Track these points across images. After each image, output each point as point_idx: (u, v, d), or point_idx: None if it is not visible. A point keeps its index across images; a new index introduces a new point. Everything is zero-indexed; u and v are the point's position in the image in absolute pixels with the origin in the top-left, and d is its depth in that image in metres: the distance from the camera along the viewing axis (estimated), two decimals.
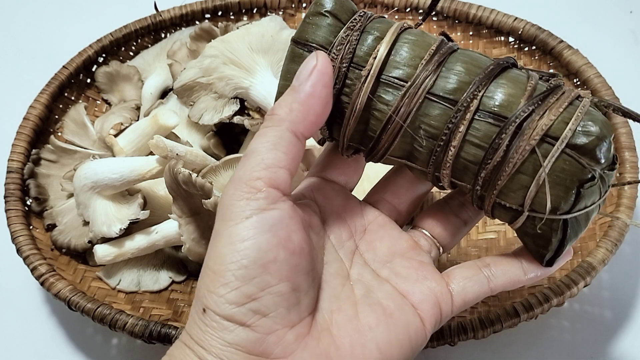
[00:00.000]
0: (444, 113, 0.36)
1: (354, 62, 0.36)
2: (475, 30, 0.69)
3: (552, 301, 0.49)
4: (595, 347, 0.58)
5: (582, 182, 0.35)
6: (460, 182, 0.38)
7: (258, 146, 0.34)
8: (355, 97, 0.36)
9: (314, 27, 0.37)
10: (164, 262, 0.61)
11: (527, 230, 0.37)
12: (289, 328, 0.33)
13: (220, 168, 0.55)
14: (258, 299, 0.32)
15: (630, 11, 0.83)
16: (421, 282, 0.38)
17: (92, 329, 0.61)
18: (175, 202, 0.54)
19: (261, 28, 0.62)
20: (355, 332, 0.34)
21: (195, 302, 0.33)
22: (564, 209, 0.35)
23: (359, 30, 0.37)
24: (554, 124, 0.34)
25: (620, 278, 0.62)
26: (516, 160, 0.35)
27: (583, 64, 0.62)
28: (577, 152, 0.34)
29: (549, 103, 0.35)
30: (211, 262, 0.32)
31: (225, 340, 0.32)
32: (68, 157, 0.64)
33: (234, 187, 0.33)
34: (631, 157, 0.56)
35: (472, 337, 0.49)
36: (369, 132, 0.38)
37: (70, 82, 0.68)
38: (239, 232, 0.32)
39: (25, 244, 0.56)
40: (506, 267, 0.39)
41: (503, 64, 0.36)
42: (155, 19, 0.71)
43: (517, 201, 0.36)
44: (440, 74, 0.36)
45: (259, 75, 0.59)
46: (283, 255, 0.32)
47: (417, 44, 0.37)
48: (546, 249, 0.37)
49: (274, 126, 0.34)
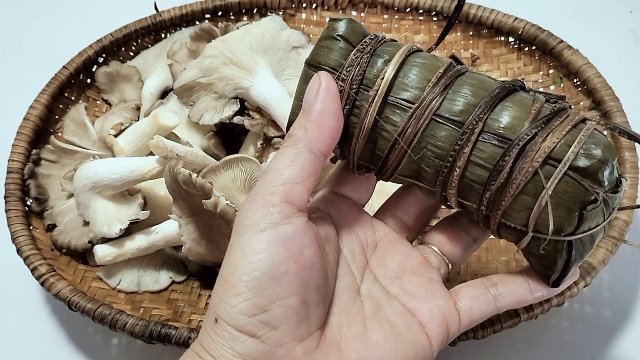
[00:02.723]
0: (450, 134, 0.37)
1: (364, 84, 0.38)
2: (476, 30, 0.69)
3: (552, 301, 0.49)
4: (595, 347, 0.58)
5: (585, 204, 0.35)
6: (466, 202, 0.38)
7: (277, 164, 0.35)
8: (364, 117, 0.37)
9: (327, 50, 0.38)
10: (164, 262, 0.61)
11: (532, 250, 0.37)
12: (298, 342, 0.33)
13: (220, 168, 0.55)
14: (269, 311, 0.32)
15: (630, 11, 0.83)
16: (430, 301, 0.38)
17: (92, 329, 0.61)
18: (175, 202, 0.54)
19: (261, 28, 0.62)
20: (364, 349, 0.35)
21: (208, 312, 0.34)
22: (567, 230, 0.35)
23: (369, 53, 0.38)
24: (557, 147, 0.35)
25: (620, 278, 0.62)
26: (519, 181, 0.35)
27: (583, 64, 0.62)
28: (579, 174, 0.35)
29: (553, 126, 0.36)
30: (225, 273, 0.33)
31: (235, 351, 0.32)
32: (68, 157, 0.64)
33: (251, 200, 0.34)
34: (631, 157, 0.56)
35: (472, 337, 0.49)
36: (377, 151, 0.39)
37: (71, 82, 0.68)
38: (253, 244, 0.33)
39: (25, 244, 0.56)
40: (513, 286, 0.39)
41: (509, 87, 0.37)
42: (155, 19, 0.71)
43: (521, 222, 0.36)
44: (447, 96, 0.37)
45: (259, 76, 0.59)
46: (294, 268, 0.33)
47: (425, 66, 0.38)
48: (551, 270, 0.38)
49: (292, 145, 0.35)
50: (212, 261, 0.56)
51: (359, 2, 0.72)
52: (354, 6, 0.73)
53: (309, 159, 0.35)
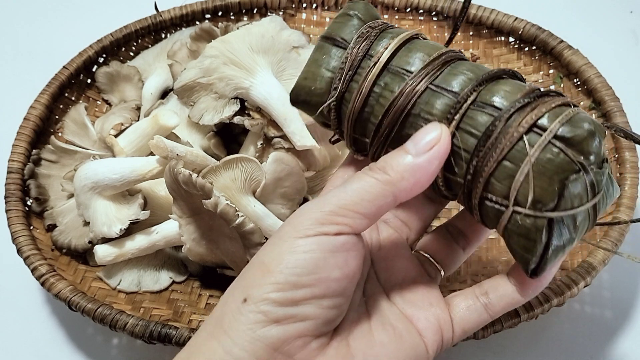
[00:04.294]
0: (445, 103, 0.37)
1: (369, 54, 0.40)
2: (476, 30, 0.69)
3: (552, 301, 0.49)
4: (595, 347, 0.58)
5: (568, 175, 0.34)
6: (453, 177, 0.38)
7: (361, 190, 0.35)
8: (363, 80, 0.39)
9: (341, 24, 0.41)
10: (164, 263, 0.61)
11: (512, 229, 0.36)
12: (315, 337, 0.34)
13: (220, 168, 0.55)
14: (300, 306, 0.34)
15: (630, 11, 0.83)
16: (427, 309, 0.39)
17: (93, 329, 0.61)
18: (175, 203, 0.54)
19: (261, 28, 0.62)
20: (369, 347, 0.36)
21: (233, 292, 0.35)
22: (548, 204, 0.34)
23: (379, 29, 0.40)
24: (544, 116, 0.35)
25: (620, 278, 0.62)
26: (504, 145, 0.35)
27: (583, 64, 0.62)
28: (564, 143, 0.34)
29: (544, 100, 0.36)
30: (267, 259, 0.34)
31: (256, 333, 0.33)
32: (68, 157, 0.64)
33: (319, 205, 0.35)
34: (631, 157, 0.56)
35: (472, 337, 0.49)
36: (372, 119, 0.40)
37: (71, 82, 0.68)
38: (303, 243, 0.34)
39: (25, 244, 0.56)
40: (502, 291, 0.40)
41: (508, 70, 0.38)
42: (155, 19, 0.71)
43: (503, 192, 0.36)
44: (445, 70, 0.38)
45: (259, 76, 0.59)
46: (336, 275, 0.34)
47: (428, 46, 0.39)
48: (531, 253, 0.36)
49: (383, 184, 0.35)
50: (212, 261, 0.56)
51: None
52: None
53: (388, 203, 0.35)
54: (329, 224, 0.34)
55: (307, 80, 0.42)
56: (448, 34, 0.70)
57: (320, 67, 0.42)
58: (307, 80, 0.42)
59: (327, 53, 0.41)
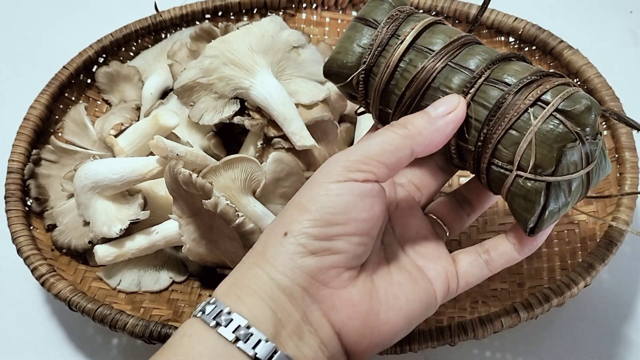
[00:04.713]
0: (461, 79, 0.42)
1: (397, 34, 0.44)
2: (476, 30, 0.69)
3: (552, 301, 0.49)
4: (595, 346, 0.58)
5: (566, 143, 0.39)
6: (464, 144, 0.43)
7: (384, 142, 0.40)
8: (390, 56, 0.44)
9: (373, 8, 0.46)
10: (164, 263, 0.61)
11: (514, 191, 0.41)
12: (346, 269, 0.40)
13: (220, 168, 0.55)
14: (333, 241, 0.39)
15: (630, 11, 0.83)
16: (436, 261, 0.44)
17: (93, 330, 0.61)
18: (175, 203, 0.54)
19: (261, 28, 0.62)
20: (389, 285, 0.42)
21: (274, 229, 0.40)
22: (547, 169, 0.39)
23: (406, 13, 0.45)
24: (548, 92, 0.39)
25: (620, 278, 0.62)
26: (511, 116, 0.40)
27: (583, 64, 0.62)
28: (564, 116, 0.39)
29: (548, 79, 0.40)
30: (304, 200, 0.40)
31: (295, 262, 0.38)
32: (68, 157, 0.64)
33: (347, 155, 0.40)
34: (631, 157, 0.56)
35: (473, 337, 0.49)
36: (396, 90, 0.44)
37: (71, 82, 0.68)
38: (335, 187, 0.39)
39: (25, 244, 0.57)
40: (502, 249, 0.44)
41: (518, 54, 0.43)
42: (155, 20, 0.71)
43: (508, 158, 0.40)
44: (463, 51, 0.43)
45: (259, 76, 0.59)
46: (363, 216, 0.39)
47: (450, 30, 0.44)
48: (530, 213, 0.40)
49: (403, 137, 0.40)
50: (212, 261, 0.56)
51: (359, 2, 0.72)
52: (354, 6, 0.73)
53: (407, 156, 0.40)
54: (356, 172, 0.39)
55: (339, 54, 0.47)
56: None
57: (353, 43, 0.46)
58: (340, 54, 0.47)
59: (359, 31, 0.46)
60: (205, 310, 0.38)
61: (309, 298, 0.39)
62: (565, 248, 0.58)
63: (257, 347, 0.36)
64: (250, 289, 0.38)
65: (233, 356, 0.36)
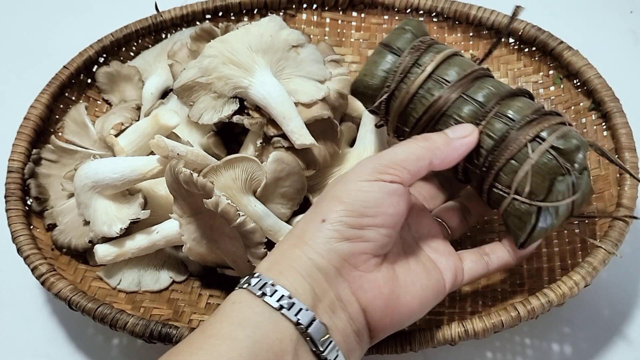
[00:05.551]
0: (472, 110, 0.50)
1: (418, 63, 0.52)
2: (476, 32, 0.69)
3: (552, 301, 0.49)
4: (595, 347, 0.58)
5: (556, 176, 0.46)
6: (472, 167, 0.50)
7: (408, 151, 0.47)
8: (411, 83, 0.51)
9: (398, 36, 0.54)
10: (164, 262, 0.61)
11: (510, 211, 0.48)
12: (373, 256, 0.45)
13: (221, 168, 0.55)
14: (364, 230, 0.44)
15: (630, 11, 0.83)
16: (446, 257, 0.50)
17: (93, 329, 0.61)
18: (176, 202, 0.54)
19: (260, 28, 0.62)
20: (407, 273, 0.47)
21: (312, 216, 0.46)
22: (539, 195, 0.47)
23: (427, 44, 0.52)
24: (545, 130, 0.47)
25: (620, 278, 0.62)
26: (513, 148, 0.47)
27: (583, 64, 0.62)
28: (557, 152, 0.46)
29: (548, 118, 0.48)
30: (339, 193, 0.45)
31: (332, 245, 0.44)
32: (69, 157, 0.64)
33: (377, 159, 0.46)
34: (631, 158, 0.56)
35: (473, 336, 0.49)
36: (413, 114, 0.52)
37: (71, 82, 0.68)
38: (367, 185, 0.45)
39: (25, 243, 0.57)
40: (499, 254, 0.52)
41: (522, 90, 0.51)
42: (155, 20, 0.71)
43: (507, 183, 0.48)
44: (475, 84, 0.50)
45: (258, 75, 0.59)
46: (391, 211, 0.45)
47: (464, 63, 0.52)
48: (522, 231, 0.48)
49: (424, 149, 0.47)
50: (212, 261, 0.56)
51: (359, 3, 0.72)
52: (355, 7, 0.73)
53: (426, 166, 0.47)
54: (385, 174, 0.45)
55: (366, 77, 0.54)
56: (448, 35, 0.71)
57: (377, 68, 0.54)
58: (366, 76, 0.54)
59: (383, 57, 0.53)
60: (251, 283, 0.42)
61: (341, 278, 0.44)
62: (565, 248, 0.58)
63: (299, 314, 0.41)
64: (291, 266, 0.43)
65: (278, 321, 0.40)
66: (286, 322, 0.41)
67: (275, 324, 0.40)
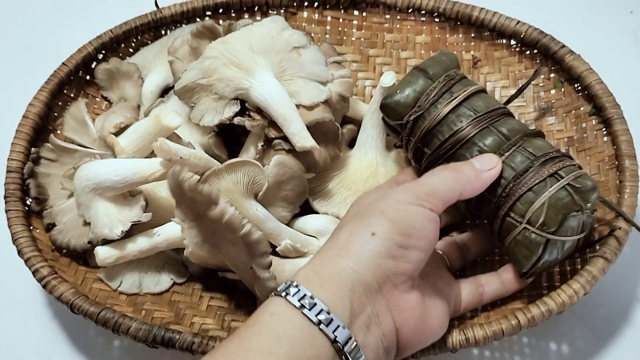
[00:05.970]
0: (496, 142, 0.53)
1: (450, 91, 0.55)
2: (477, 33, 0.69)
3: (552, 310, 0.50)
4: (595, 347, 0.59)
5: (570, 212, 0.50)
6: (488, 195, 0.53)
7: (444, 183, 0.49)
8: (442, 106, 0.55)
9: (434, 63, 0.57)
10: (165, 264, 0.61)
11: (520, 239, 0.52)
12: (410, 277, 0.46)
13: (223, 171, 0.55)
14: (408, 250, 0.46)
15: (630, 11, 0.83)
16: (449, 286, 0.53)
17: (94, 331, 0.61)
18: (178, 207, 0.53)
19: (262, 29, 0.61)
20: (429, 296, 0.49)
21: (358, 227, 0.46)
22: (550, 227, 0.50)
23: (460, 76, 0.57)
24: (564, 169, 0.51)
25: (620, 278, 0.62)
26: (533, 181, 0.51)
27: (585, 69, 0.62)
28: (573, 189, 0.50)
29: (565, 159, 0.52)
30: (388, 210, 0.46)
31: (378, 260, 0.45)
32: (68, 156, 0.63)
33: (418, 187, 0.48)
34: (631, 165, 0.56)
35: (474, 344, 0.50)
36: (439, 136, 0.55)
37: (70, 79, 0.67)
38: (414, 209, 0.47)
39: (26, 245, 0.56)
40: (494, 286, 0.55)
41: (541, 132, 0.56)
42: (155, 16, 0.70)
43: (522, 212, 0.51)
44: (502, 119, 0.54)
45: (259, 77, 0.58)
46: (432, 237, 0.47)
47: (492, 99, 0.57)
48: (528, 260, 0.51)
49: (457, 182, 0.49)
50: (214, 264, 0.57)
51: (361, 2, 0.72)
52: (356, 5, 0.73)
53: (456, 196, 0.49)
54: (425, 201, 0.47)
55: (399, 93, 0.57)
56: (449, 36, 0.70)
57: (410, 87, 0.57)
58: (399, 93, 0.57)
59: (417, 80, 0.57)
60: (290, 292, 0.42)
61: (381, 294, 0.45)
62: None
63: (336, 331, 0.41)
64: (333, 278, 0.43)
65: (315, 336, 0.41)
66: (323, 338, 0.41)
67: (312, 340, 0.40)
